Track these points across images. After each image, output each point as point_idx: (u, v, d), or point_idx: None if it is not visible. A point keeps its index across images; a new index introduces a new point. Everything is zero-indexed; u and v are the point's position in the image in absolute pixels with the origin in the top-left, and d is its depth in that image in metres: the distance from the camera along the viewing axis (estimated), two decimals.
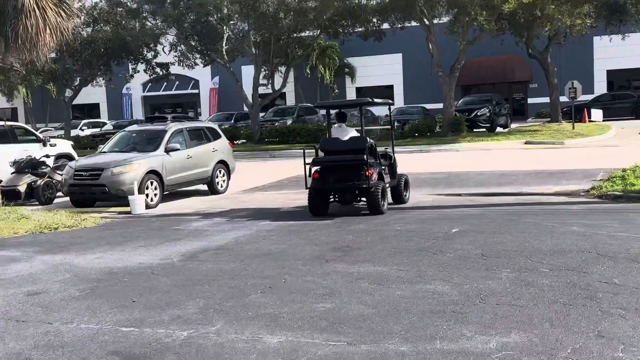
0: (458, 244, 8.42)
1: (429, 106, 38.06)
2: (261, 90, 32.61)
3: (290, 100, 46.23)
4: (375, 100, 12.53)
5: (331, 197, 11.69)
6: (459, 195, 13.40)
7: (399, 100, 43.46)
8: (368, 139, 11.75)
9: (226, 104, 46.25)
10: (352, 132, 12.13)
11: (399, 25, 30.20)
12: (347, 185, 11.26)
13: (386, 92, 44.64)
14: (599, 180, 13.42)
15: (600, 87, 39.78)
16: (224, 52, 30.72)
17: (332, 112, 12.76)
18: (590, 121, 31.05)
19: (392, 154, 12.46)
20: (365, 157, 11.11)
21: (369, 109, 17.60)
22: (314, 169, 11.48)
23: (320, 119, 35.30)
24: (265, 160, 25.01)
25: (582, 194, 12.42)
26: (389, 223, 10.35)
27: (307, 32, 33.07)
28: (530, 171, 16.24)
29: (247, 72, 41.37)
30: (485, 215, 10.68)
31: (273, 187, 16.25)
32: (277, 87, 32.06)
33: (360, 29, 31.35)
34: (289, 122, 32.35)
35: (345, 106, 13.37)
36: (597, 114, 31.63)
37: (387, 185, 11.84)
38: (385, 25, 30.86)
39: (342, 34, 31.68)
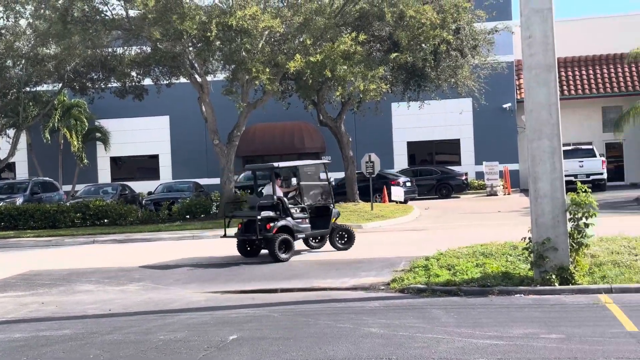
0: (235, 355, 8.48)
1: (203, 182, 38.45)
2: None
3: (22, 172, 44.23)
4: (281, 164, 18.05)
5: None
6: (240, 292, 13.54)
7: (165, 174, 43.44)
8: (275, 197, 17.12)
9: None
10: (270, 191, 17.57)
11: (165, 82, 30.53)
12: (253, 236, 16.98)
13: (150, 162, 44.45)
14: (400, 271, 14.30)
15: (401, 161, 42.98)
16: None
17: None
18: (391, 201, 33.19)
19: (330, 206, 18.11)
20: (263, 213, 16.76)
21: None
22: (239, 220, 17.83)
23: (61, 197, 34.07)
24: None
25: (382, 287, 13.13)
26: (150, 331, 10.19)
27: (46, 85, 32.17)
28: (328, 261, 16.91)
29: None
30: (269, 317, 10.91)
31: None
32: (3, 155, 30.49)
33: (115, 85, 31.18)
34: (19, 201, 30.88)
35: (262, 169, 19.46)
36: (398, 192, 33.85)
37: (298, 236, 17.38)
38: (148, 81, 31.03)
39: (92, 90, 31.25)
